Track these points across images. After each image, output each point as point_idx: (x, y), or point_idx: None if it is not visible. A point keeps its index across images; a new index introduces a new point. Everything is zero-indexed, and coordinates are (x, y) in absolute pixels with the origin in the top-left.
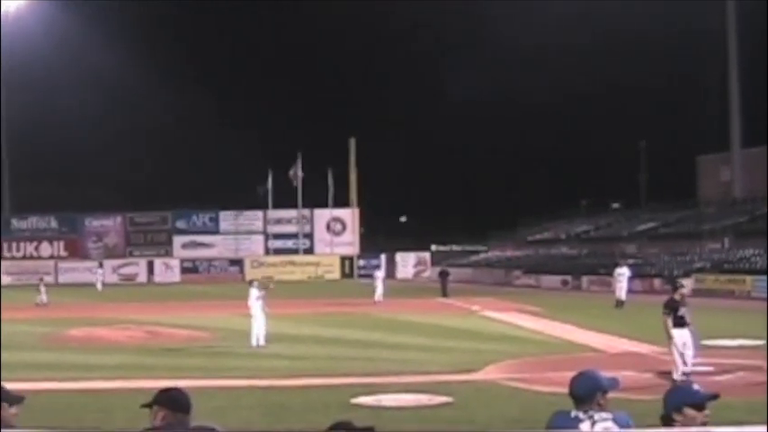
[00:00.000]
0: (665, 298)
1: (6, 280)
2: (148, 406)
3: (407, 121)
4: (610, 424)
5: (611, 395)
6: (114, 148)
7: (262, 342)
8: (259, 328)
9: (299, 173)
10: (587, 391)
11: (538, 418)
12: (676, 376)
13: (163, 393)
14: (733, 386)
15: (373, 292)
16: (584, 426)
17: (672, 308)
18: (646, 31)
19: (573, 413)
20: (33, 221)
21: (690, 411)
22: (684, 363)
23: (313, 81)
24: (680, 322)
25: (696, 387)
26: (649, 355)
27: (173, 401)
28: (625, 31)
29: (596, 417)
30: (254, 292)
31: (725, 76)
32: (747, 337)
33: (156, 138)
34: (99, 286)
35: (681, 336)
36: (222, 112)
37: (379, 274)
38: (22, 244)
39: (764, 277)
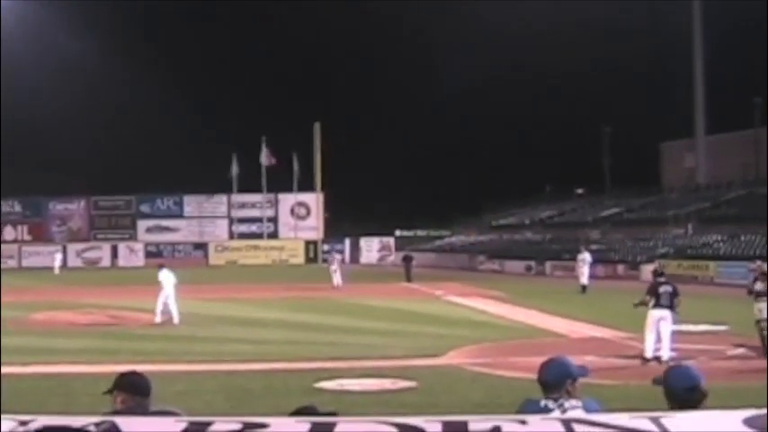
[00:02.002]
0: (628, 283)
1: None
2: (109, 392)
3: (373, 106)
4: (579, 412)
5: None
6: (78, 131)
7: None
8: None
9: (264, 158)
10: (557, 378)
11: (501, 402)
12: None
13: (122, 378)
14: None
15: (330, 277)
16: (554, 414)
17: None
18: (611, 17)
19: (542, 402)
20: None
21: None
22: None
23: (278, 65)
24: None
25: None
26: (612, 340)
27: (131, 385)
28: (590, 18)
29: (566, 405)
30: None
31: (690, 62)
32: (710, 322)
33: (121, 121)
34: (56, 270)
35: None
36: (187, 96)
37: (337, 257)
38: None
39: (727, 263)
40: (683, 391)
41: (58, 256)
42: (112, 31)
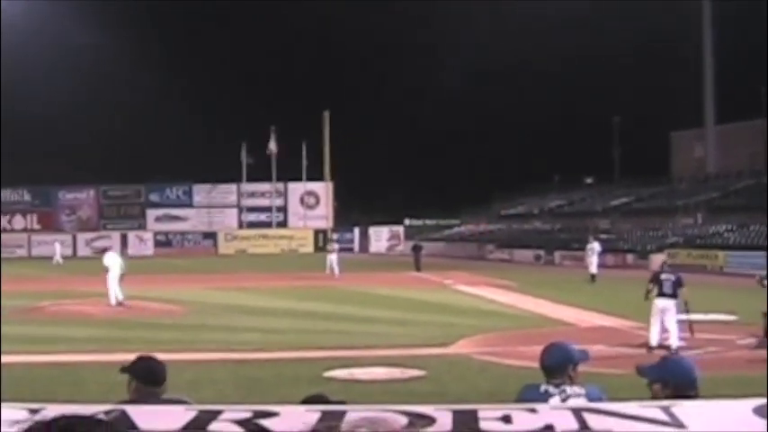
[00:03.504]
0: (637, 272)
1: None
2: (126, 371)
3: (382, 95)
4: (582, 400)
5: (583, 368)
6: (88, 120)
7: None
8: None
9: (273, 146)
10: (558, 363)
11: (510, 391)
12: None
13: (138, 363)
14: (704, 361)
15: (329, 266)
16: (555, 400)
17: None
18: (621, 6)
19: (543, 387)
20: (6, 194)
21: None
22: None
23: (288, 54)
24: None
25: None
26: (621, 329)
27: (145, 373)
28: (600, 7)
29: (569, 391)
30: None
31: (699, 52)
32: (719, 311)
33: (130, 111)
34: (58, 259)
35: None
36: (197, 84)
37: (335, 247)
38: None
39: (736, 253)
40: (684, 384)
41: (58, 246)
42: (121, 20)
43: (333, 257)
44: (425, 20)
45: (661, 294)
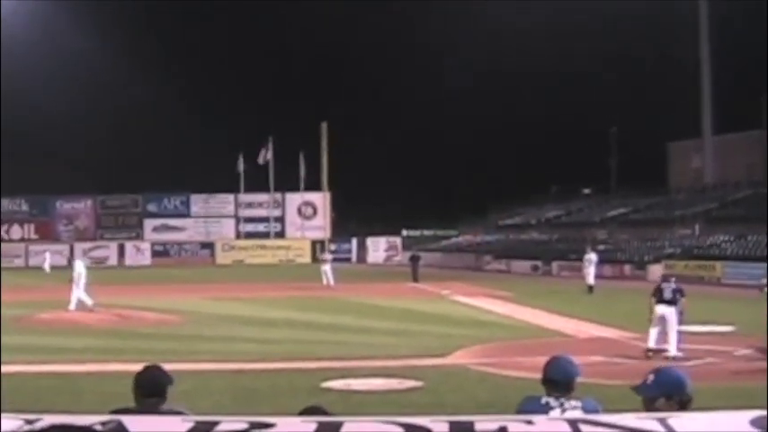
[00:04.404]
0: (635, 283)
1: None
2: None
3: (379, 105)
4: (578, 412)
5: (580, 380)
6: (85, 130)
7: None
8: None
9: (270, 156)
10: (567, 377)
11: (507, 402)
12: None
13: (144, 373)
14: (701, 372)
15: (325, 277)
16: (555, 413)
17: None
18: (618, 16)
19: (544, 399)
20: (4, 204)
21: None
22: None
23: (285, 64)
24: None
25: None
26: (618, 341)
27: (145, 383)
28: (596, 15)
29: (566, 404)
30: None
31: (697, 62)
32: (717, 323)
33: (128, 120)
34: (47, 269)
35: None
36: (194, 94)
37: (328, 257)
38: None
39: (734, 264)
40: (684, 393)
41: (48, 256)
42: (120, 30)
43: (326, 268)
44: (422, 31)
45: (660, 301)
